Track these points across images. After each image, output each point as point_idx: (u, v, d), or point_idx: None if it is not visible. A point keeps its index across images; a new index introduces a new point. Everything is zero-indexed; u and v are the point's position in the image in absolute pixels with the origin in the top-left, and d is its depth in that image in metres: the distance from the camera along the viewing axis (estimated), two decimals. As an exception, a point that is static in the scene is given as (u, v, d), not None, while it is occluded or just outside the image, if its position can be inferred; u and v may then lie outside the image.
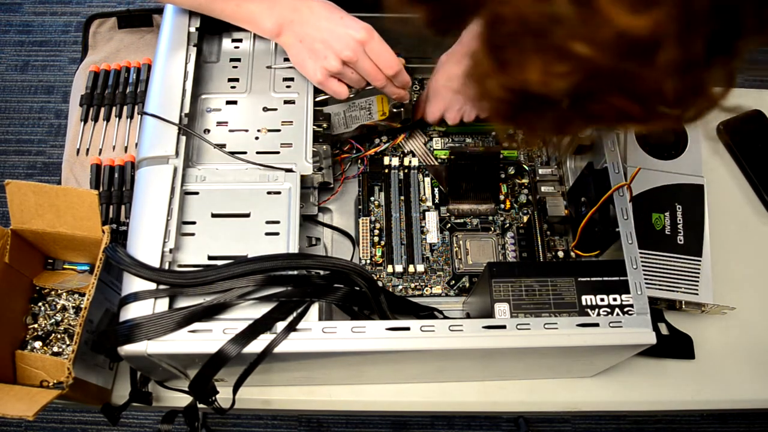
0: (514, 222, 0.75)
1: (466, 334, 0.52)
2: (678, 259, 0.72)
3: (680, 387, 0.72)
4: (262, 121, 0.65)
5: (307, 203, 0.70)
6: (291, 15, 0.61)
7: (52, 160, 1.59)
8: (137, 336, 0.50)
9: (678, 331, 0.73)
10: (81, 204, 0.60)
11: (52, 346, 0.66)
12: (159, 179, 0.57)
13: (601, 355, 0.60)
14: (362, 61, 0.62)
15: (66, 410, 1.35)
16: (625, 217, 0.59)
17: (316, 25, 0.61)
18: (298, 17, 0.61)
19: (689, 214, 0.74)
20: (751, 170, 0.85)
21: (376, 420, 1.37)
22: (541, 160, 0.79)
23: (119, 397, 0.67)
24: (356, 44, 0.60)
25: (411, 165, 0.77)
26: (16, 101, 1.65)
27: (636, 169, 0.69)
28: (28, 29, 1.74)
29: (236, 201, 0.59)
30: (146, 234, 0.54)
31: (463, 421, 1.38)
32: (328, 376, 0.67)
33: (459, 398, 0.70)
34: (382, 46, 0.61)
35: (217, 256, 0.56)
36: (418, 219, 0.75)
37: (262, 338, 0.51)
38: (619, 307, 0.56)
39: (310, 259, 0.55)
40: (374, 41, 0.61)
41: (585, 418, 1.40)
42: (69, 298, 0.69)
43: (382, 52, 0.62)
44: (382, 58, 0.62)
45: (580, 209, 0.68)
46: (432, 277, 0.72)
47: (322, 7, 0.61)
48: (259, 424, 1.37)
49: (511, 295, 0.57)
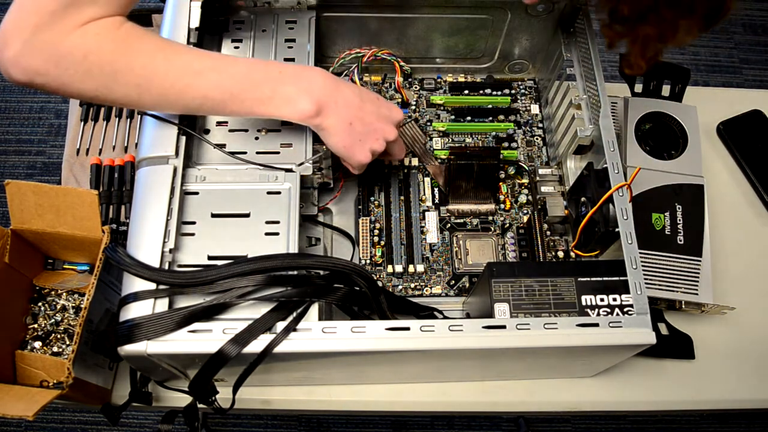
0: (514, 222, 0.75)
1: (466, 334, 0.52)
2: (678, 259, 0.72)
3: (680, 387, 0.72)
4: (262, 121, 0.65)
5: (307, 203, 0.70)
6: (330, 96, 0.58)
7: (52, 160, 1.59)
8: (137, 336, 0.50)
9: (678, 331, 0.73)
10: (81, 204, 0.60)
11: (52, 346, 0.66)
12: (159, 179, 0.57)
13: (601, 355, 0.60)
14: (398, 141, 0.66)
15: (66, 410, 1.35)
16: (625, 217, 0.59)
17: (362, 107, 0.60)
18: (341, 99, 0.59)
19: (689, 214, 0.74)
20: (751, 170, 0.85)
21: (376, 420, 1.37)
22: (541, 160, 0.79)
23: (119, 397, 0.67)
24: (396, 126, 0.64)
25: (411, 165, 0.77)
26: (16, 101, 1.65)
27: (636, 169, 0.69)
28: (28, 29, 1.73)
29: (236, 201, 0.59)
30: (146, 234, 0.54)
31: (463, 421, 1.38)
32: (328, 376, 0.67)
33: (459, 398, 0.70)
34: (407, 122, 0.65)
35: (217, 256, 0.56)
36: (418, 219, 0.75)
37: (262, 338, 0.51)
38: (619, 307, 0.56)
39: (310, 259, 0.55)
40: (403, 120, 0.65)
41: (585, 418, 1.40)
42: (69, 298, 0.69)
43: (407, 128, 0.67)
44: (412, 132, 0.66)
45: (580, 209, 0.68)
46: (432, 277, 0.72)
47: (355, 90, 0.61)
48: (259, 424, 1.37)
49: (510, 295, 0.57)
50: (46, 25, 0.48)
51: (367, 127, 0.61)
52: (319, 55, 0.77)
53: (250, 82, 0.56)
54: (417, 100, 0.83)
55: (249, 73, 0.56)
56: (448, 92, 0.84)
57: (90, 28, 0.50)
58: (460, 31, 0.77)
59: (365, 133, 0.61)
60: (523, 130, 0.81)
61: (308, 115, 0.58)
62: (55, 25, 0.48)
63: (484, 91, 0.84)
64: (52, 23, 0.48)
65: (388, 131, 0.63)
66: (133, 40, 0.52)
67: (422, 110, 0.82)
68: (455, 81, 0.84)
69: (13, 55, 0.48)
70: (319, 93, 0.58)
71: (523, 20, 0.75)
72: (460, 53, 0.81)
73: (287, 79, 0.57)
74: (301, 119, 0.58)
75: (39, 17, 0.48)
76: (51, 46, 0.49)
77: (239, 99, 0.56)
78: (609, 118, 0.64)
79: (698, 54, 1.83)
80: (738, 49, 1.84)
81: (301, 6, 0.72)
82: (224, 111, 0.57)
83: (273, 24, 0.71)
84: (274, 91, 0.56)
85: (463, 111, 0.82)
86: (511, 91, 0.84)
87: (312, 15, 0.71)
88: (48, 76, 0.50)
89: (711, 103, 0.89)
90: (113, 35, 0.51)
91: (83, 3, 0.49)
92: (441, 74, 0.85)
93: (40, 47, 0.48)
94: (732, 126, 0.88)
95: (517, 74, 0.85)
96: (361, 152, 0.61)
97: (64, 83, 0.50)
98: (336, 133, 0.60)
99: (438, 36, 0.78)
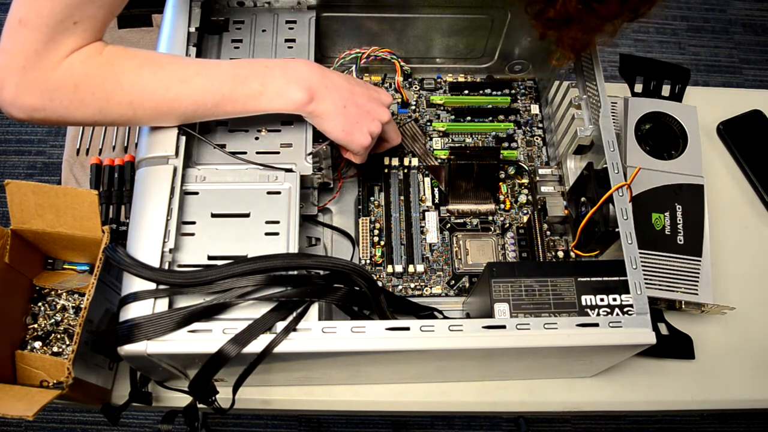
0: (514, 222, 0.75)
1: (466, 334, 0.52)
2: (678, 259, 0.72)
3: (680, 387, 0.72)
4: (262, 121, 0.65)
5: (307, 203, 0.70)
6: (320, 82, 0.59)
7: (52, 160, 1.59)
8: (137, 336, 0.50)
9: (678, 331, 0.73)
10: (81, 204, 0.60)
11: (52, 346, 0.66)
12: (159, 179, 0.57)
13: (601, 355, 0.60)
14: (391, 122, 0.67)
15: (66, 410, 1.35)
16: (625, 217, 0.59)
17: (352, 90, 0.61)
18: (330, 84, 0.60)
19: (689, 214, 0.74)
20: (751, 170, 0.85)
21: (376, 420, 1.37)
22: (541, 160, 0.79)
23: (119, 397, 0.67)
24: (387, 108, 0.65)
25: (411, 165, 0.77)
26: (16, 101, 1.65)
27: (636, 169, 0.69)
28: (28, 29, 1.73)
29: (236, 201, 0.59)
30: (146, 234, 0.54)
31: (463, 421, 1.38)
32: (328, 376, 0.67)
33: (459, 398, 0.70)
34: None
35: (217, 256, 0.56)
36: (418, 219, 0.75)
37: (262, 338, 0.51)
38: (618, 307, 0.56)
39: (310, 259, 0.55)
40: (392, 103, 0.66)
41: (585, 418, 1.40)
42: (69, 298, 0.69)
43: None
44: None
45: (580, 209, 0.68)
46: (432, 277, 0.72)
47: (342, 75, 0.62)
48: (258, 424, 1.37)
49: (510, 295, 0.57)
50: (33, 64, 0.50)
51: (360, 109, 0.62)
52: (319, 55, 0.77)
53: (237, 80, 0.57)
54: (417, 100, 0.83)
55: (235, 72, 0.57)
56: (448, 92, 0.84)
57: (74, 59, 0.52)
58: (460, 31, 0.77)
59: (359, 114, 0.62)
60: (523, 130, 0.81)
61: (302, 103, 0.58)
62: (41, 63, 0.50)
63: (484, 91, 0.84)
64: (37, 61, 0.50)
65: (381, 112, 0.64)
66: (117, 61, 0.54)
67: (422, 110, 0.82)
68: (455, 81, 0.84)
69: (10, 97, 0.50)
70: (308, 80, 0.59)
71: (523, 20, 0.75)
72: (460, 53, 0.81)
73: (274, 71, 0.58)
74: (295, 109, 0.59)
75: (24, 58, 0.50)
76: (42, 82, 0.51)
77: (231, 99, 0.57)
78: (609, 118, 0.64)
79: (698, 54, 1.83)
80: (738, 49, 1.84)
81: (301, 6, 0.72)
82: (219, 113, 0.58)
83: (273, 24, 0.71)
84: (263, 85, 0.57)
85: (463, 111, 0.82)
86: (511, 91, 0.84)
87: (312, 15, 0.71)
88: (45, 111, 0.52)
89: (711, 103, 0.89)
90: (97, 60, 0.53)
91: (62, 37, 0.50)
92: (441, 74, 0.85)
93: (32, 86, 0.50)
94: (732, 126, 0.88)
95: (517, 74, 0.85)
96: (360, 134, 0.62)
97: (62, 115, 0.53)
98: (332, 117, 0.60)
99: (438, 36, 0.78)
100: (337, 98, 0.60)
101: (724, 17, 1.89)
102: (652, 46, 1.84)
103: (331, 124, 0.61)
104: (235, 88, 0.57)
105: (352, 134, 0.62)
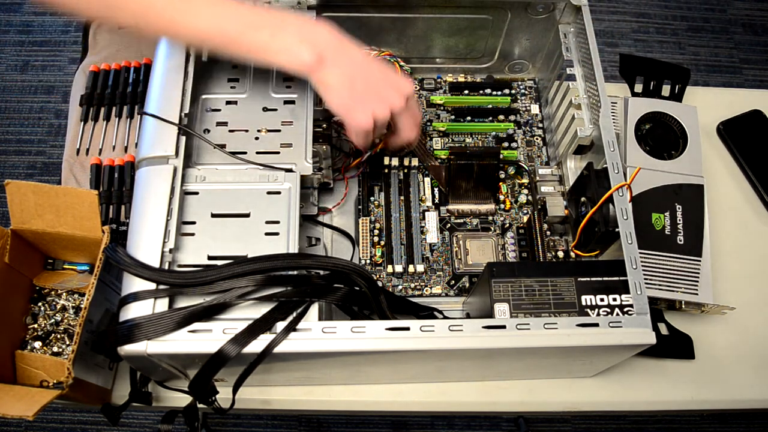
0: (514, 222, 0.75)
1: (466, 334, 0.52)
2: (678, 259, 0.72)
3: (680, 387, 0.72)
4: (262, 121, 0.65)
5: (307, 203, 0.70)
6: (334, 51, 0.56)
7: (52, 160, 1.59)
8: (137, 336, 0.50)
9: (678, 331, 0.73)
10: (81, 204, 0.60)
11: (52, 346, 0.66)
12: (159, 179, 0.57)
13: (600, 355, 0.60)
14: (404, 115, 0.61)
15: (66, 410, 1.35)
16: (625, 217, 0.59)
17: (367, 66, 0.58)
18: (345, 55, 0.56)
19: (689, 214, 0.74)
20: (751, 170, 0.85)
21: (376, 420, 1.37)
22: (541, 160, 0.79)
23: (119, 397, 0.67)
24: (404, 97, 0.59)
25: (411, 165, 0.77)
26: (16, 101, 1.65)
27: (636, 169, 0.69)
28: (28, 29, 1.74)
29: (236, 201, 0.59)
30: (146, 234, 0.54)
31: (463, 421, 1.38)
32: (328, 376, 0.67)
33: (459, 398, 0.70)
34: (417, 101, 0.60)
35: (217, 256, 0.56)
36: (418, 219, 0.75)
37: (262, 338, 0.51)
38: (618, 307, 0.56)
39: (310, 259, 0.55)
40: (414, 97, 0.61)
41: (585, 418, 1.40)
42: (69, 298, 0.68)
43: (417, 107, 0.63)
44: (417, 112, 0.63)
45: (580, 209, 0.68)
46: (432, 277, 0.72)
47: (364, 52, 0.58)
48: (258, 424, 1.37)
49: (510, 295, 0.57)
50: None
51: (370, 88, 0.57)
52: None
53: (248, 25, 0.55)
54: (417, 100, 0.83)
55: (249, 16, 0.55)
56: (448, 92, 0.84)
57: None
58: (460, 31, 0.77)
59: (367, 92, 0.57)
60: (523, 130, 0.81)
61: (307, 66, 0.55)
62: None
63: (484, 91, 0.84)
64: None
65: (395, 99, 0.59)
66: None
67: (422, 110, 0.82)
68: (455, 81, 0.84)
69: None
70: (323, 45, 0.55)
71: (523, 20, 0.75)
72: (460, 53, 0.81)
73: (289, 27, 0.55)
74: (299, 70, 0.56)
75: None
76: None
77: (237, 42, 0.55)
78: (609, 118, 0.64)
79: (698, 54, 1.83)
80: (738, 49, 1.84)
81: (301, 6, 0.72)
82: (227, 53, 0.57)
83: (273, 24, 0.70)
84: (273, 36, 0.55)
85: (463, 111, 0.82)
86: (511, 91, 0.84)
87: (312, 15, 0.71)
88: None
89: (711, 103, 0.89)
90: None
91: None
92: (441, 74, 0.85)
93: None
94: (732, 126, 0.88)
95: (517, 74, 0.85)
96: (362, 114, 0.57)
97: (68, 2, 0.54)
98: (335, 87, 0.57)
99: (438, 36, 0.78)
100: (348, 70, 0.56)
101: (724, 17, 1.89)
102: (652, 46, 1.84)
103: (332, 95, 0.57)
104: (243, 32, 0.54)
105: (352, 111, 0.58)
